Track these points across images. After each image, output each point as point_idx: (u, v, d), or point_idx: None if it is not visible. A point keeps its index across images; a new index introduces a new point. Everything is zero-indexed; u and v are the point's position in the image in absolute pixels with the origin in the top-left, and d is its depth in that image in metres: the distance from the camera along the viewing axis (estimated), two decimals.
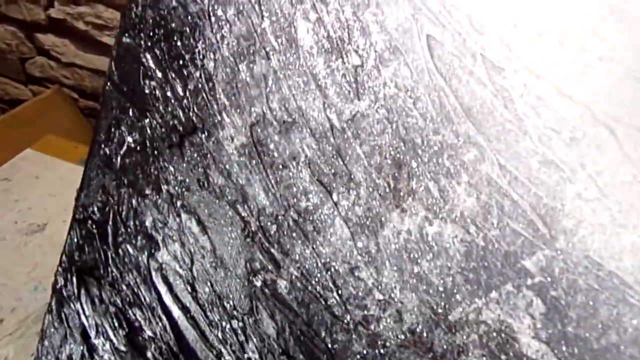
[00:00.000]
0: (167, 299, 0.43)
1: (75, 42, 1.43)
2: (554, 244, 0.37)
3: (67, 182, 1.08)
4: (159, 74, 0.44)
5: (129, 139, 0.45)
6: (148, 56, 0.44)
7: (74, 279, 0.45)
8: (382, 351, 0.41)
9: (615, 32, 0.36)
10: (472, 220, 0.39)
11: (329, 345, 0.42)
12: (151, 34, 0.44)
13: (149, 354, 0.46)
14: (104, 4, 1.27)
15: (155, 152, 0.44)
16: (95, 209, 0.46)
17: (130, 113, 0.45)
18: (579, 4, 0.36)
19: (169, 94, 0.44)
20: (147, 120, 0.45)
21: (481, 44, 0.38)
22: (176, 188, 0.44)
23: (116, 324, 0.44)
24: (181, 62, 0.44)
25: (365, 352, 0.42)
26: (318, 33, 0.41)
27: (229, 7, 0.43)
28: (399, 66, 0.40)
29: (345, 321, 0.41)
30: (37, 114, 1.26)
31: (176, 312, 0.44)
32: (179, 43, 0.44)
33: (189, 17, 0.43)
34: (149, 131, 0.45)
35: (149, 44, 0.44)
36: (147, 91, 0.44)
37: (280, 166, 0.42)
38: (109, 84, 0.44)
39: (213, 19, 0.43)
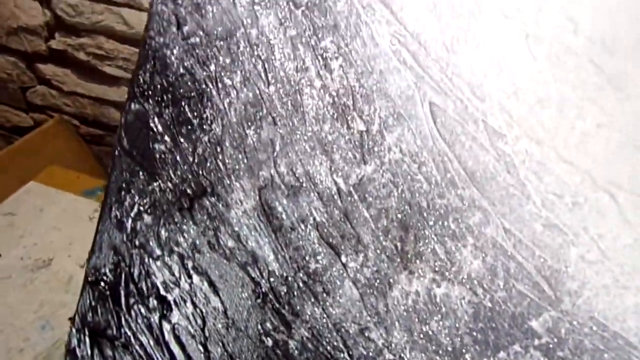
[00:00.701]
0: (180, 359, 0.44)
1: (76, 72, 1.44)
2: (560, 305, 0.38)
3: (70, 215, 1.08)
4: (168, 139, 0.45)
5: (140, 202, 0.46)
6: (157, 121, 0.45)
7: (87, 340, 0.45)
8: None
9: (613, 100, 0.37)
10: (479, 282, 0.40)
11: None
12: (160, 99, 0.45)
13: None
14: (105, 36, 1.29)
15: (166, 215, 0.45)
16: (107, 270, 0.46)
17: (141, 177, 0.46)
18: (576, 73, 0.38)
19: (178, 158, 0.45)
20: (157, 184, 0.45)
21: (482, 111, 0.39)
22: (187, 250, 0.45)
23: None
24: (190, 127, 0.45)
25: None
26: (323, 99, 0.42)
27: (235, 74, 0.44)
28: (403, 132, 0.41)
29: None
30: (40, 145, 1.27)
31: None
32: (187, 109, 0.45)
33: (197, 84, 0.44)
34: (159, 194, 0.46)
35: (158, 109, 0.45)
36: (156, 155, 0.45)
37: (289, 229, 0.43)
38: (118, 148, 0.45)
39: (220, 85, 0.44)
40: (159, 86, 0.45)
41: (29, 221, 1.07)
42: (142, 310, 0.45)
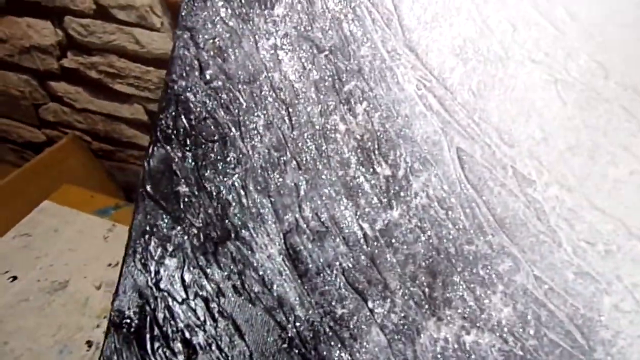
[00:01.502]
0: None
1: (88, 90, 1.45)
2: (593, 354, 0.38)
3: (85, 235, 1.09)
4: (192, 182, 0.45)
5: (164, 246, 0.46)
6: (180, 165, 0.45)
7: None
8: None
9: None
10: (509, 330, 0.39)
11: None
12: (183, 143, 0.45)
13: None
14: (117, 55, 1.29)
15: (190, 259, 0.45)
16: (132, 313, 0.46)
17: (165, 220, 0.46)
18: (607, 119, 0.37)
19: (202, 201, 0.45)
20: (180, 228, 0.45)
21: (511, 157, 0.39)
22: (212, 294, 0.45)
23: None
24: (213, 170, 0.45)
25: None
26: (348, 144, 0.42)
27: (258, 118, 0.43)
28: (429, 177, 0.40)
29: None
30: (53, 163, 1.27)
31: None
32: (210, 152, 0.45)
33: (220, 128, 0.44)
34: (183, 238, 0.45)
35: (181, 153, 0.45)
36: (180, 199, 0.45)
37: (315, 274, 0.43)
38: (142, 191, 0.45)
39: (243, 129, 0.44)
40: (182, 130, 0.45)
41: (44, 242, 1.08)
42: (167, 353, 0.45)
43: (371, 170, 0.42)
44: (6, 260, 1.04)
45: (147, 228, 0.46)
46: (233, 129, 0.44)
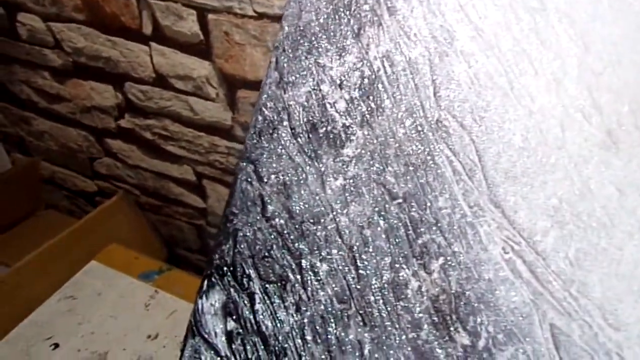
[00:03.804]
0: None
1: (141, 149, 1.49)
2: None
3: (126, 301, 1.08)
4: (246, 325, 0.42)
5: None
6: (235, 304, 0.42)
7: None
8: None
9: None
10: None
11: None
12: (239, 281, 0.42)
13: None
14: (171, 119, 1.32)
15: None
16: None
17: None
18: None
19: (256, 347, 0.41)
20: None
21: (617, 342, 0.33)
22: None
23: None
24: (269, 314, 0.41)
25: None
26: (421, 303, 0.38)
27: (322, 263, 0.40)
28: (516, 353, 0.35)
29: None
30: (102, 221, 1.30)
31: None
32: (267, 294, 0.41)
33: (279, 268, 0.41)
34: None
35: (235, 292, 0.42)
36: (233, 341, 0.42)
37: None
38: (192, 327, 0.43)
39: (305, 273, 0.40)
40: (238, 267, 0.42)
41: (87, 307, 1.08)
42: None
43: (447, 336, 0.37)
44: (50, 324, 1.04)
45: None
46: (293, 272, 0.41)
